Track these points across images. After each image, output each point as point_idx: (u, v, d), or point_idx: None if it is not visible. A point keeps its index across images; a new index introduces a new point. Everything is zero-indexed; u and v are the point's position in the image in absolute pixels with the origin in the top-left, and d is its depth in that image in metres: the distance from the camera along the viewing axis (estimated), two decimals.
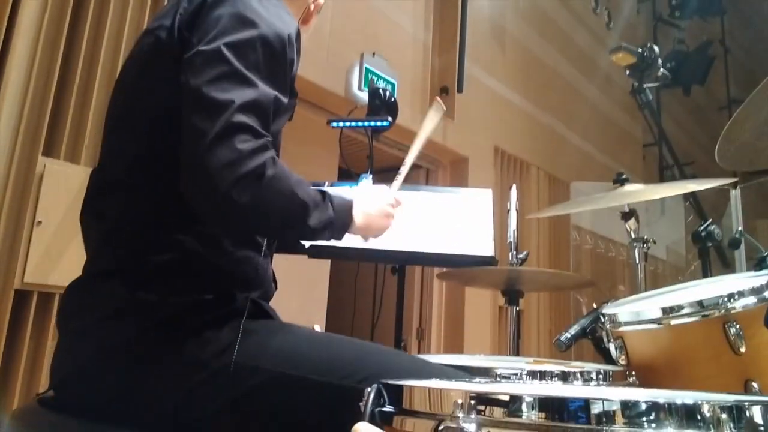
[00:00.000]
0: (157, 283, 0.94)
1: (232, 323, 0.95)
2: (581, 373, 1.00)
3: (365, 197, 1.12)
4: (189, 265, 0.97)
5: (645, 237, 1.81)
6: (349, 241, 1.11)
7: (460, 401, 0.60)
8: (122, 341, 0.93)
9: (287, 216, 0.94)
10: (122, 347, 0.93)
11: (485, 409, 0.59)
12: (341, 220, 1.03)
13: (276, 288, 1.14)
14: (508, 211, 1.90)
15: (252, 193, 0.86)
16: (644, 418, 0.56)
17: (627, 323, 1.21)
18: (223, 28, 0.92)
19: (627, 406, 0.56)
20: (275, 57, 0.95)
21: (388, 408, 0.68)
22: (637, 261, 1.81)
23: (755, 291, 1.05)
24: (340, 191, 1.07)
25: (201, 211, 0.91)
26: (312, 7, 1.23)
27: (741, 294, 1.06)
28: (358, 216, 1.07)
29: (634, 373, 1.07)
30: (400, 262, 2.12)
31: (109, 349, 0.93)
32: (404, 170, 1.32)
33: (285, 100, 0.97)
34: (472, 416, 0.59)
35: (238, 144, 0.85)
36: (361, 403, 0.68)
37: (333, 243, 1.07)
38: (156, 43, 1.00)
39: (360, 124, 2.69)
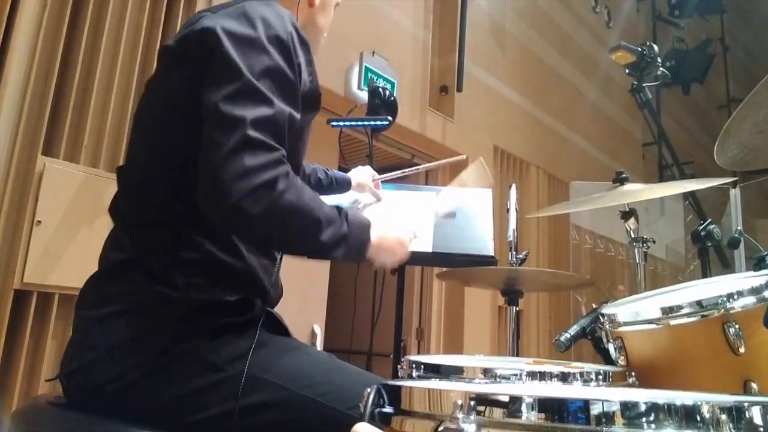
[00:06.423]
0: (177, 279, 0.97)
1: (250, 332, 0.98)
2: (581, 373, 1.00)
3: (385, 223, 1.13)
4: (207, 266, 1.00)
5: (644, 236, 1.81)
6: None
7: (459, 402, 0.60)
8: (138, 334, 0.95)
9: (299, 229, 0.95)
10: (138, 340, 0.95)
11: (485, 409, 0.59)
12: (357, 237, 1.03)
13: (281, 294, 1.16)
14: (508, 210, 1.90)
15: (264, 205, 0.88)
16: (644, 419, 0.56)
17: (626, 323, 1.21)
18: (243, 52, 0.96)
19: (627, 406, 0.56)
20: (290, 78, 0.99)
21: (387, 408, 0.68)
22: (637, 261, 1.80)
23: (754, 291, 1.05)
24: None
25: (214, 221, 0.93)
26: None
27: (740, 294, 1.05)
28: (374, 237, 1.07)
29: (633, 373, 1.07)
30: None
31: (124, 341, 0.95)
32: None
33: (297, 116, 1.00)
34: (472, 417, 0.59)
35: (251, 157, 0.88)
36: (360, 404, 0.68)
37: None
38: (176, 61, 1.04)
39: (360, 123, 2.69)
